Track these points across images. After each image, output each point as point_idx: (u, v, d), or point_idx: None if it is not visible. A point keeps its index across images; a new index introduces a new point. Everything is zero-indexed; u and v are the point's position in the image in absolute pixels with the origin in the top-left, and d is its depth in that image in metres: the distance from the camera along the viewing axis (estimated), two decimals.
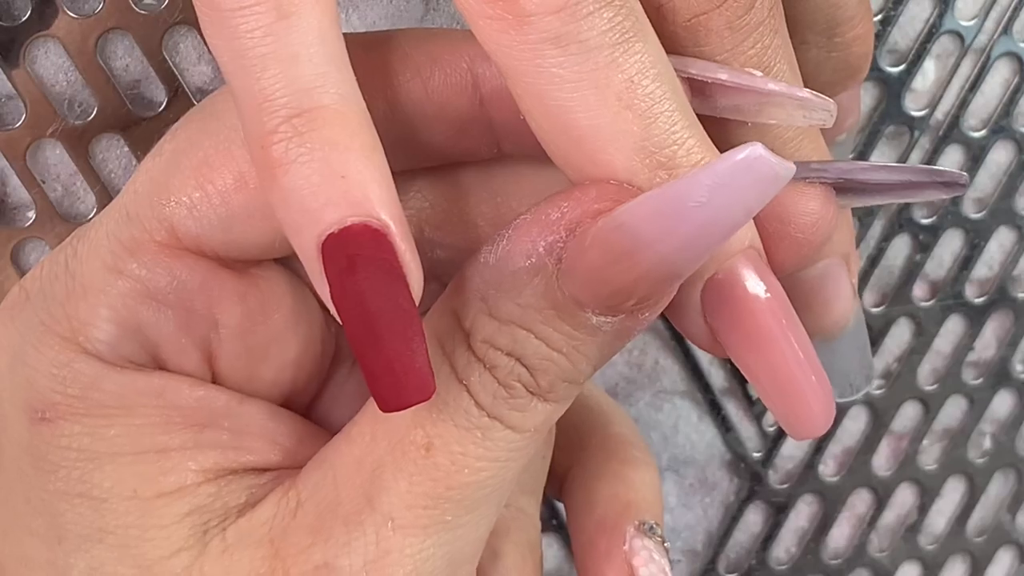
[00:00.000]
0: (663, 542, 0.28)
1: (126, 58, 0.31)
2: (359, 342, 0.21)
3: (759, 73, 0.24)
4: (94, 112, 0.31)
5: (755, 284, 0.24)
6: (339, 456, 0.24)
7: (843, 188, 0.26)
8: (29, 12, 0.30)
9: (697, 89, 0.24)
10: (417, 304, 0.21)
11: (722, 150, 0.25)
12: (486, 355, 0.23)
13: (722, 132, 0.25)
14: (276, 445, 0.25)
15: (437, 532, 0.23)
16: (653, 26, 0.24)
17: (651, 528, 0.28)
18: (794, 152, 0.26)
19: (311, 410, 0.27)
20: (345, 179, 0.21)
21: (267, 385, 0.26)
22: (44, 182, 0.31)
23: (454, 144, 0.25)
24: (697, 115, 0.24)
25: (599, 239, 0.22)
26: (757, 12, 0.24)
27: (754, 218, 0.23)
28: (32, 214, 0.31)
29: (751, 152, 0.21)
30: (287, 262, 0.26)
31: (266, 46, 0.21)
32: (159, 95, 0.31)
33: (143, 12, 0.31)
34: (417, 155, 0.25)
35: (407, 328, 0.21)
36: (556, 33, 0.22)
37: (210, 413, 0.24)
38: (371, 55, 0.24)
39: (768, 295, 0.24)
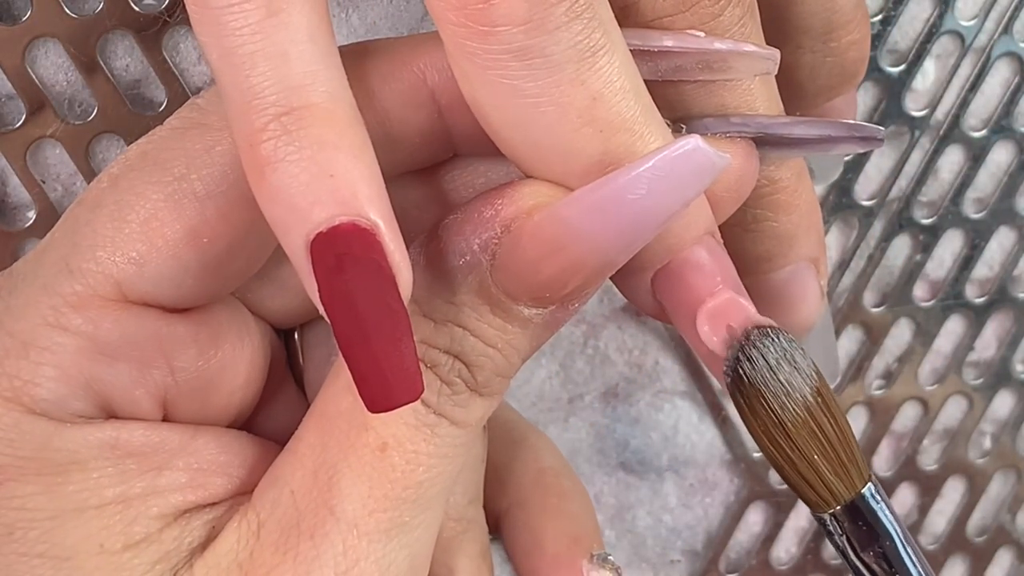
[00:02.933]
0: (615, 567, 0.29)
1: (126, 58, 0.31)
2: (347, 342, 0.21)
3: (701, 34, 0.24)
4: (94, 112, 0.31)
5: (702, 279, 0.24)
6: (292, 471, 0.24)
7: (763, 141, 0.26)
8: (29, 12, 0.30)
9: (639, 57, 0.24)
10: (406, 304, 0.21)
11: (673, 110, 0.25)
12: (426, 355, 0.23)
13: (672, 92, 0.25)
14: (230, 476, 0.25)
15: (399, 535, 0.24)
16: (618, 20, 0.24)
17: (603, 557, 0.29)
18: (748, 100, 0.26)
19: (257, 415, 0.27)
20: (334, 178, 0.21)
21: (220, 410, 0.26)
22: (44, 182, 0.31)
23: (414, 156, 0.25)
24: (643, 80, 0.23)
25: (536, 234, 0.22)
26: (726, 19, 0.24)
27: None
28: (32, 214, 0.31)
29: (690, 145, 0.21)
30: None
31: (255, 44, 0.21)
32: (159, 95, 0.31)
33: (143, 12, 0.31)
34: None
35: (395, 328, 0.21)
36: (520, 46, 0.21)
37: (166, 455, 0.24)
38: None
39: (716, 289, 0.24)
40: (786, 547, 0.42)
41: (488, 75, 0.22)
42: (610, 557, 0.29)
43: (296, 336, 0.28)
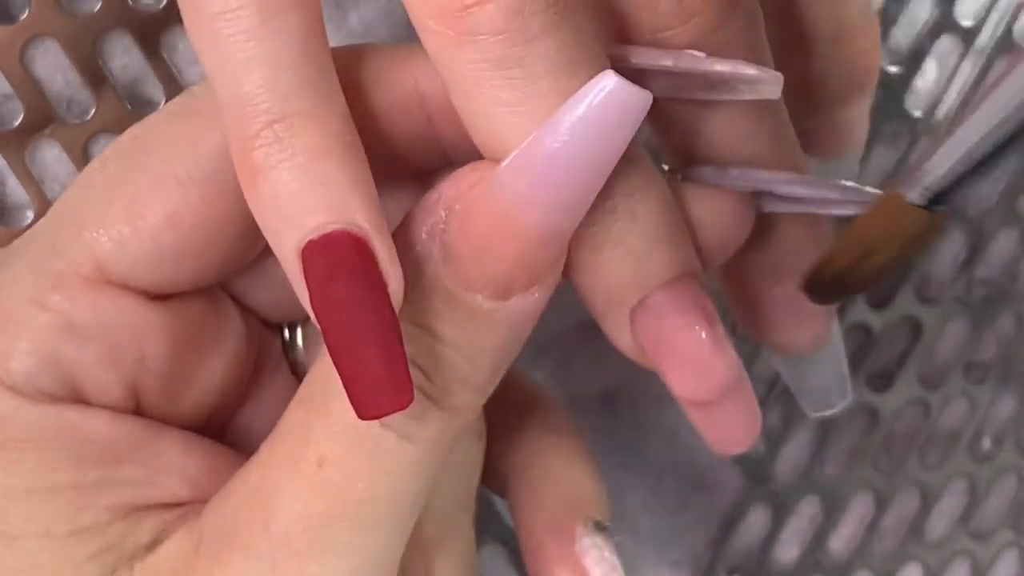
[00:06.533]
0: (612, 537, 0.28)
1: (124, 57, 0.31)
2: (337, 349, 0.21)
3: (702, 54, 0.24)
4: (92, 112, 0.31)
5: (681, 318, 0.23)
6: (238, 483, 0.24)
7: (761, 194, 0.25)
8: (27, 11, 0.30)
9: (639, 76, 0.23)
10: (397, 311, 0.21)
11: (673, 132, 0.25)
12: None
13: (671, 112, 0.25)
14: (189, 480, 0.25)
15: (337, 556, 0.23)
16: (616, 36, 0.24)
17: (599, 525, 0.28)
18: (748, 139, 0.25)
19: (234, 420, 0.27)
20: (325, 186, 0.21)
21: (192, 407, 0.26)
22: (42, 182, 0.31)
23: (406, 163, 0.25)
24: None
25: (476, 207, 0.22)
26: (727, 31, 0.24)
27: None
28: (31, 213, 0.31)
29: (603, 83, 0.21)
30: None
31: (249, 50, 0.21)
32: (157, 94, 0.31)
33: (141, 11, 0.30)
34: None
35: (386, 336, 0.21)
36: (498, 55, 0.21)
37: (126, 448, 0.24)
38: None
39: (695, 329, 0.23)
40: (786, 548, 0.42)
41: (467, 83, 0.21)
42: (607, 525, 0.28)
43: (299, 333, 0.28)
